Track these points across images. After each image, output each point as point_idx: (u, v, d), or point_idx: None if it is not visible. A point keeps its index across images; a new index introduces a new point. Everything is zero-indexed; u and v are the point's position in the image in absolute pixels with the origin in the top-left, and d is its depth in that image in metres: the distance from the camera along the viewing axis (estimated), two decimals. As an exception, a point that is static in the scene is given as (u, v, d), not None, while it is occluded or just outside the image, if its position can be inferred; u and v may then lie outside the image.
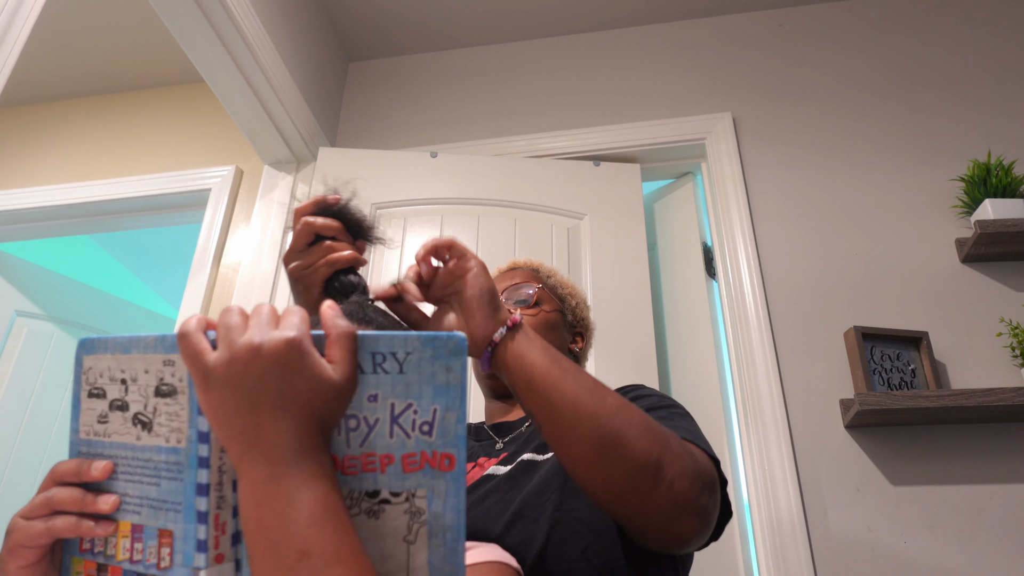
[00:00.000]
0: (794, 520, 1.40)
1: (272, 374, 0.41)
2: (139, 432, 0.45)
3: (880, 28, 1.96)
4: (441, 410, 0.43)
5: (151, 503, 0.46)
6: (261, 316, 0.43)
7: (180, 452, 0.44)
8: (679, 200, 1.95)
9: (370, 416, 0.43)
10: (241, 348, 0.41)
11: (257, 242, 1.87)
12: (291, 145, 1.92)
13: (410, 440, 0.43)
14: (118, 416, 0.46)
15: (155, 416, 0.45)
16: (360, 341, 0.43)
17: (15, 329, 2.26)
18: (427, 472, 0.44)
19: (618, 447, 0.57)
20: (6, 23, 1.04)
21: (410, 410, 0.43)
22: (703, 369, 1.69)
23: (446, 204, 1.83)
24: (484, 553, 0.59)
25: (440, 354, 0.42)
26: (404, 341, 0.41)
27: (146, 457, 0.45)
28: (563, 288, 1.03)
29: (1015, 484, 1.39)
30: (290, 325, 0.43)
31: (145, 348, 0.44)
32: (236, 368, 0.40)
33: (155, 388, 0.44)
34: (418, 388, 0.42)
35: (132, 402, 0.45)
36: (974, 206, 1.60)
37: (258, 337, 0.41)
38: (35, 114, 2.38)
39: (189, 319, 0.43)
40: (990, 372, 1.50)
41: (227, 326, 0.42)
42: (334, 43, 2.17)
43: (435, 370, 0.42)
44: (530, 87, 2.10)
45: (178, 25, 1.52)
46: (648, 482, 0.57)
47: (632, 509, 0.58)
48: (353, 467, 0.44)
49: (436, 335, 0.42)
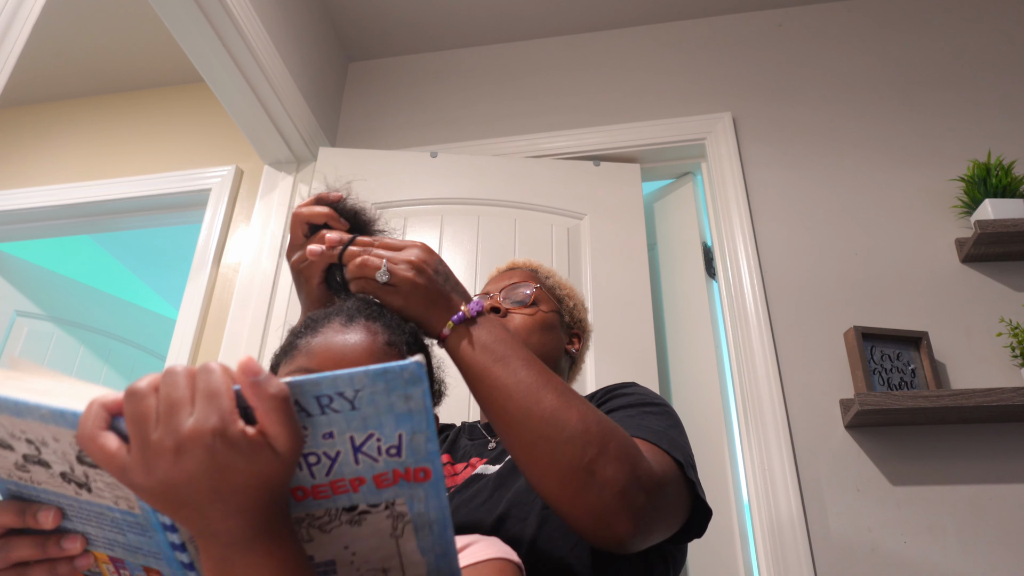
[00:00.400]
0: (794, 520, 1.40)
1: (202, 477, 0.36)
2: (76, 489, 0.42)
3: (880, 28, 1.96)
4: (407, 434, 0.40)
5: (123, 546, 0.44)
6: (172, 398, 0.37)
7: (138, 516, 0.42)
8: (679, 200, 1.95)
9: (330, 451, 0.40)
10: (155, 451, 0.36)
11: (257, 242, 1.87)
12: (291, 145, 1.92)
13: (379, 463, 0.41)
14: (40, 470, 0.42)
15: (89, 480, 0.41)
16: (298, 388, 0.38)
17: (15, 329, 2.26)
18: (403, 485, 0.42)
19: (546, 451, 0.59)
20: (6, 23, 1.04)
21: (372, 439, 0.40)
22: (703, 369, 1.69)
23: (446, 204, 1.83)
24: (485, 548, 0.59)
25: (395, 385, 0.38)
26: (350, 379, 0.37)
27: (96, 511, 0.43)
28: (561, 289, 1.04)
29: (1015, 484, 1.39)
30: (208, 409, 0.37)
31: (42, 418, 0.39)
32: (158, 476, 0.36)
33: (76, 456, 0.40)
34: (377, 420, 0.39)
35: (52, 462, 0.41)
36: (974, 206, 1.60)
37: (170, 438, 0.36)
38: (35, 114, 2.38)
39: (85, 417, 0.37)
40: (990, 372, 1.50)
41: (135, 418, 0.37)
42: (334, 43, 2.17)
43: (392, 400, 0.38)
44: (530, 87, 2.10)
45: (178, 25, 1.52)
46: (578, 485, 0.58)
47: (566, 508, 0.59)
48: (324, 492, 0.42)
49: (386, 368, 0.37)
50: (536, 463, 0.59)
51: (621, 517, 0.58)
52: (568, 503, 0.58)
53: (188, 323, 1.83)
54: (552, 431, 0.59)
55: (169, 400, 0.37)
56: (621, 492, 0.58)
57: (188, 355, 1.77)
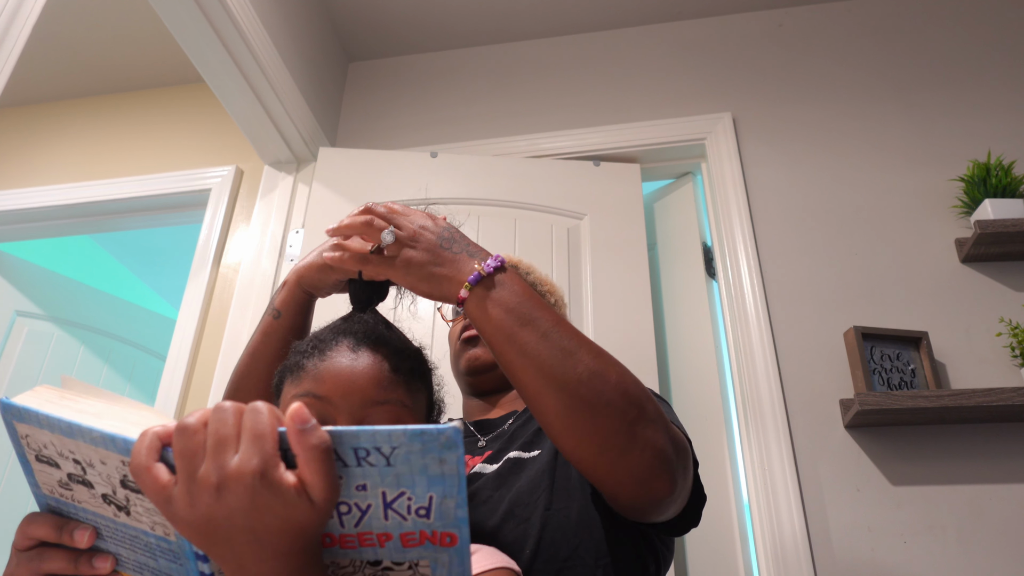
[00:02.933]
0: (794, 520, 1.40)
1: (240, 515, 0.37)
2: (115, 511, 0.43)
3: (880, 28, 1.96)
4: (438, 497, 0.40)
5: (152, 571, 0.45)
6: (220, 435, 0.38)
7: (172, 543, 0.42)
8: (679, 200, 1.95)
9: (361, 503, 0.41)
10: (200, 486, 0.37)
11: (257, 242, 1.87)
12: (291, 145, 1.92)
13: (407, 521, 0.41)
14: (83, 489, 0.43)
15: (129, 504, 0.42)
16: (338, 438, 0.39)
17: (15, 329, 2.26)
18: (428, 547, 0.42)
19: (587, 415, 0.56)
20: (6, 23, 1.04)
21: (403, 497, 0.40)
22: (703, 369, 1.69)
23: (446, 204, 1.83)
24: (487, 558, 0.59)
25: (431, 447, 0.38)
26: (388, 436, 0.38)
27: (131, 534, 0.44)
28: (542, 286, 1.03)
29: (1015, 484, 1.39)
30: (252, 450, 0.38)
31: (93, 441, 0.40)
32: (200, 511, 0.37)
33: (120, 480, 0.41)
34: (410, 478, 0.39)
35: (96, 483, 0.42)
36: (974, 206, 1.60)
37: (215, 475, 0.37)
38: (35, 114, 2.38)
39: (139, 446, 0.38)
40: (990, 372, 1.50)
41: (183, 454, 0.38)
42: (334, 43, 2.17)
43: (427, 462, 0.39)
44: (530, 87, 2.10)
45: (178, 25, 1.52)
46: (620, 447, 0.57)
47: (605, 472, 0.58)
48: (351, 543, 0.43)
49: (424, 429, 0.38)
50: (574, 429, 0.57)
51: (661, 477, 0.58)
52: (608, 467, 0.57)
53: (188, 323, 1.82)
54: (591, 395, 0.57)
55: (217, 436, 0.38)
56: (660, 452, 0.58)
57: (188, 355, 1.77)
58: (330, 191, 1.84)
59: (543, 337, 0.59)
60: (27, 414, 0.42)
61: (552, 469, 0.75)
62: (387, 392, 0.59)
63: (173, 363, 1.78)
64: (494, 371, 0.92)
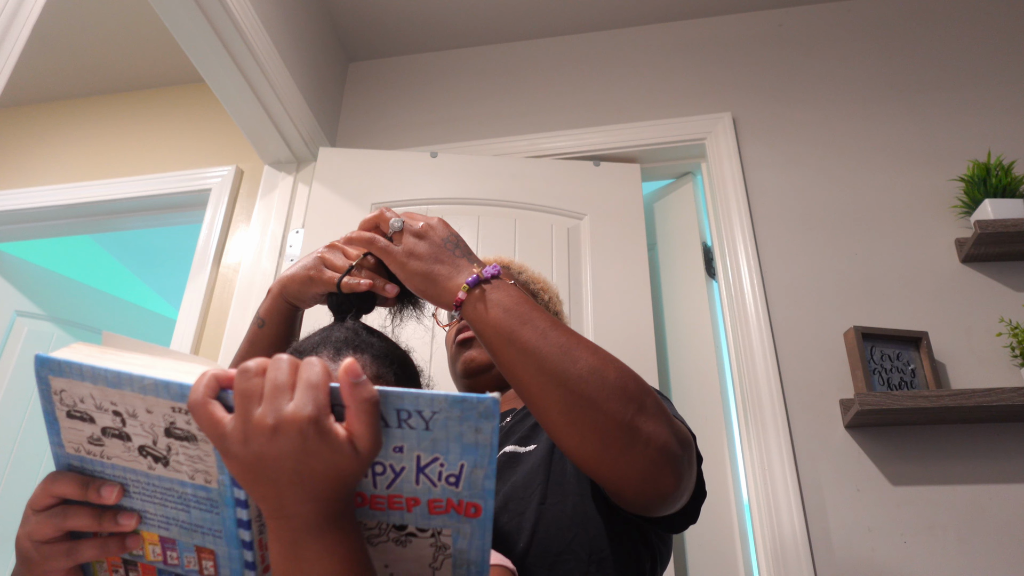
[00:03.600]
0: (794, 520, 1.40)
1: (289, 457, 0.40)
2: (151, 463, 0.44)
3: (880, 28, 1.96)
4: (469, 466, 0.42)
5: (181, 524, 0.45)
6: (277, 382, 0.41)
7: (212, 491, 0.44)
8: (679, 200, 1.95)
9: (396, 464, 0.43)
10: (256, 426, 0.40)
11: (257, 242, 1.87)
12: (291, 145, 1.92)
13: (436, 488, 0.43)
14: (117, 443, 0.44)
15: (170, 454, 0.44)
16: (384, 397, 0.41)
17: (15, 329, 2.26)
18: (453, 516, 0.44)
19: (588, 411, 0.57)
20: (6, 23, 1.04)
21: (436, 463, 0.42)
22: (703, 369, 1.69)
23: (446, 204, 1.83)
24: None
25: (469, 415, 0.40)
26: (430, 400, 0.40)
27: (166, 486, 0.45)
28: (535, 284, 1.02)
29: (1015, 484, 1.39)
30: (307, 397, 0.40)
31: (143, 390, 0.42)
32: (252, 448, 0.39)
33: (165, 429, 0.43)
34: (445, 444, 0.41)
35: (134, 435, 0.44)
36: (974, 206, 1.60)
37: (271, 417, 0.40)
38: (35, 114, 2.38)
39: (198, 384, 0.41)
40: (990, 372, 1.50)
41: (243, 394, 0.41)
42: (334, 43, 2.17)
43: (463, 430, 0.41)
44: (530, 87, 2.10)
45: (178, 25, 1.52)
46: (622, 442, 0.57)
47: (608, 469, 0.58)
48: (380, 504, 0.44)
49: (465, 397, 0.40)
50: (576, 425, 0.57)
51: (665, 471, 0.58)
52: (611, 463, 0.58)
53: (188, 323, 1.82)
54: (592, 390, 0.57)
55: (275, 383, 0.41)
56: (663, 447, 0.58)
57: (188, 355, 1.77)
58: (330, 191, 1.84)
59: (542, 336, 0.59)
60: (68, 367, 0.42)
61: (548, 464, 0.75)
62: None
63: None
64: (490, 372, 0.92)
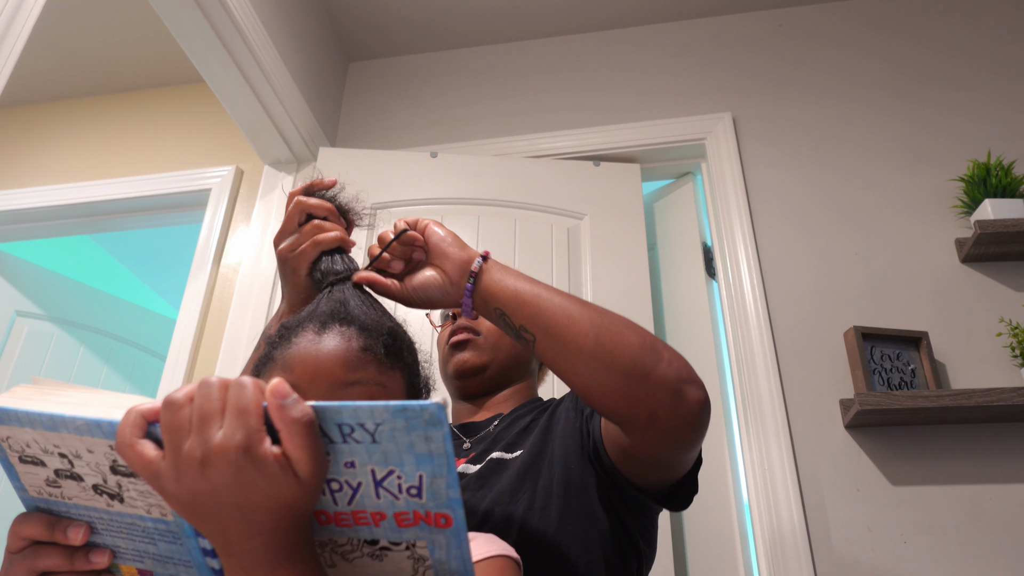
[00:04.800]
0: (794, 520, 1.40)
1: (225, 490, 0.37)
2: (108, 500, 0.43)
3: (880, 28, 1.96)
4: (428, 476, 0.39)
5: (153, 557, 0.44)
6: (204, 410, 0.38)
7: (170, 523, 0.42)
8: (679, 200, 1.95)
9: (351, 480, 0.40)
10: (185, 461, 0.37)
11: (257, 242, 1.87)
12: (291, 145, 1.92)
13: (400, 501, 0.41)
14: (72, 484, 0.43)
15: (122, 490, 0.42)
16: (321, 414, 0.38)
17: (15, 329, 2.26)
18: (424, 528, 0.42)
19: (615, 335, 0.63)
20: (6, 23, 1.04)
21: (393, 475, 0.40)
22: (703, 369, 1.69)
23: (446, 204, 1.83)
24: (485, 545, 0.59)
25: (415, 425, 0.37)
26: (370, 412, 0.37)
27: (127, 522, 0.43)
28: None
29: (1015, 484, 1.39)
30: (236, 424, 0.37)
31: (77, 430, 0.40)
32: (186, 485, 0.37)
33: (110, 467, 0.41)
34: (397, 456, 0.39)
35: (85, 475, 0.42)
36: (974, 206, 1.60)
37: (199, 449, 0.37)
38: (35, 114, 2.38)
39: (123, 424, 0.38)
40: (990, 372, 1.49)
41: (170, 428, 0.38)
42: (334, 43, 2.17)
43: (412, 440, 0.38)
44: (530, 87, 2.10)
45: (178, 25, 1.52)
46: (650, 359, 0.62)
47: (639, 389, 0.61)
48: (346, 521, 0.42)
49: (407, 406, 0.37)
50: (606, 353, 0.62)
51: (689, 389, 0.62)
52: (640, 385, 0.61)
53: (188, 323, 1.82)
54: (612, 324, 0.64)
55: (202, 411, 0.38)
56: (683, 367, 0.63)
57: (188, 355, 1.77)
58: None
59: (553, 290, 0.67)
60: (5, 414, 0.41)
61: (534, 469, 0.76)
62: (356, 372, 0.57)
63: (173, 363, 1.78)
64: (481, 375, 0.92)
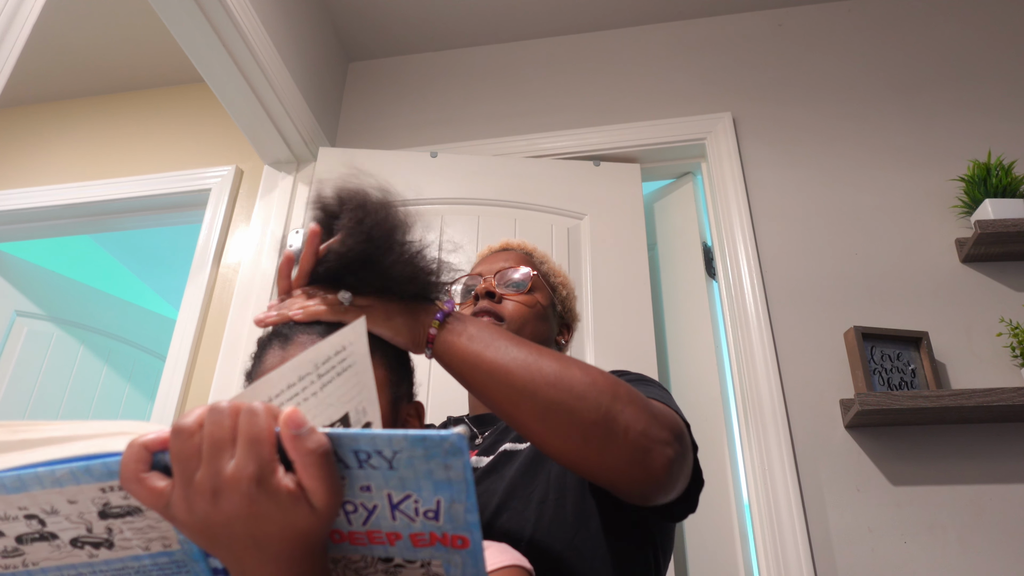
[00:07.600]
0: (794, 520, 1.40)
1: (238, 521, 0.36)
2: (91, 551, 0.41)
3: (880, 28, 1.96)
4: (446, 501, 0.38)
5: None
6: (215, 439, 0.37)
7: (175, 553, 0.41)
8: (679, 200, 1.95)
9: (367, 503, 0.40)
10: (197, 491, 0.36)
11: (257, 242, 1.87)
12: (291, 145, 1.92)
13: (416, 523, 0.40)
14: (41, 546, 0.40)
15: (113, 535, 0.40)
16: (337, 441, 0.37)
17: (15, 329, 2.26)
18: (440, 548, 0.41)
19: (561, 414, 0.58)
20: (6, 23, 1.04)
21: (410, 499, 0.39)
22: (703, 369, 1.69)
23: (446, 204, 1.83)
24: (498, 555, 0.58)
25: (435, 453, 0.36)
26: (388, 440, 0.36)
27: (117, 567, 0.42)
28: (555, 277, 1.02)
29: (1015, 484, 1.39)
30: (248, 455, 0.36)
31: (57, 483, 0.37)
32: (198, 515, 0.36)
33: (99, 513, 0.39)
34: (415, 482, 0.38)
35: (61, 532, 0.39)
36: (974, 206, 1.60)
37: (211, 480, 0.36)
38: (35, 114, 2.38)
39: (126, 458, 0.36)
40: (990, 372, 1.49)
41: (180, 457, 0.37)
42: (334, 43, 2.17)
43: (431, 467, 0.37)
44: (530, 87, 2.10)
45: (178, 25, 1.52)
46: (601, 436, 0.58)
47: (594, 465, 0.59)
48: (360, 540, 0.42)
49: (426, 435, 0.36)
50: (554, 430, 0.58)
51: (650, 456, 0.59)
52: (596, 459, 0.58)
53: (188, 323, 1.82)
54: (561, 393, 0.59)
55: (212, 440, 0.37)
56: (644, 432, 0.59)
57: (188, 355, 1.77)
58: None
59: (504, 354, 0.61)
60: None
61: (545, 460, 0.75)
62: None
63: (173, 363, 1.78)
64: None
